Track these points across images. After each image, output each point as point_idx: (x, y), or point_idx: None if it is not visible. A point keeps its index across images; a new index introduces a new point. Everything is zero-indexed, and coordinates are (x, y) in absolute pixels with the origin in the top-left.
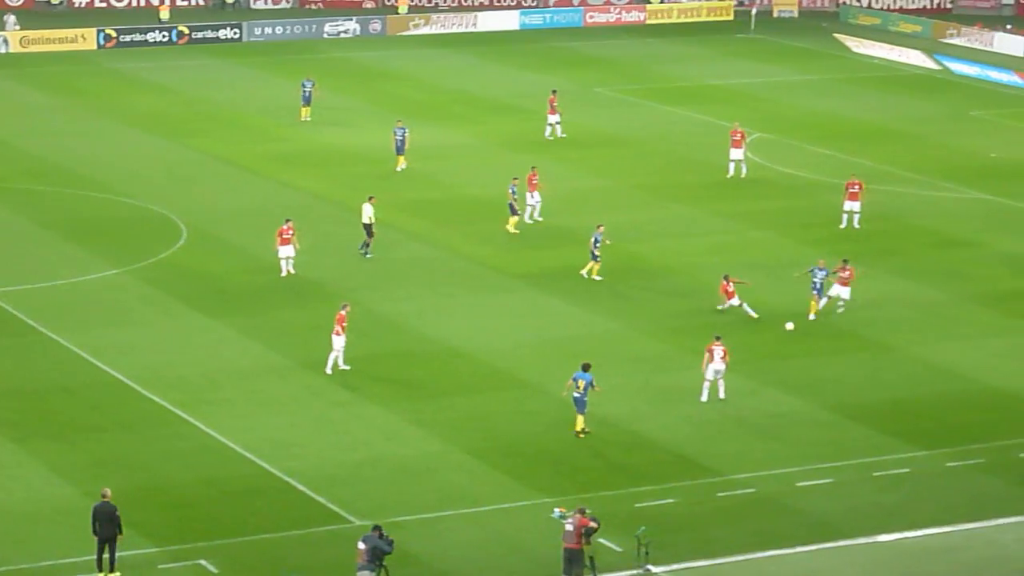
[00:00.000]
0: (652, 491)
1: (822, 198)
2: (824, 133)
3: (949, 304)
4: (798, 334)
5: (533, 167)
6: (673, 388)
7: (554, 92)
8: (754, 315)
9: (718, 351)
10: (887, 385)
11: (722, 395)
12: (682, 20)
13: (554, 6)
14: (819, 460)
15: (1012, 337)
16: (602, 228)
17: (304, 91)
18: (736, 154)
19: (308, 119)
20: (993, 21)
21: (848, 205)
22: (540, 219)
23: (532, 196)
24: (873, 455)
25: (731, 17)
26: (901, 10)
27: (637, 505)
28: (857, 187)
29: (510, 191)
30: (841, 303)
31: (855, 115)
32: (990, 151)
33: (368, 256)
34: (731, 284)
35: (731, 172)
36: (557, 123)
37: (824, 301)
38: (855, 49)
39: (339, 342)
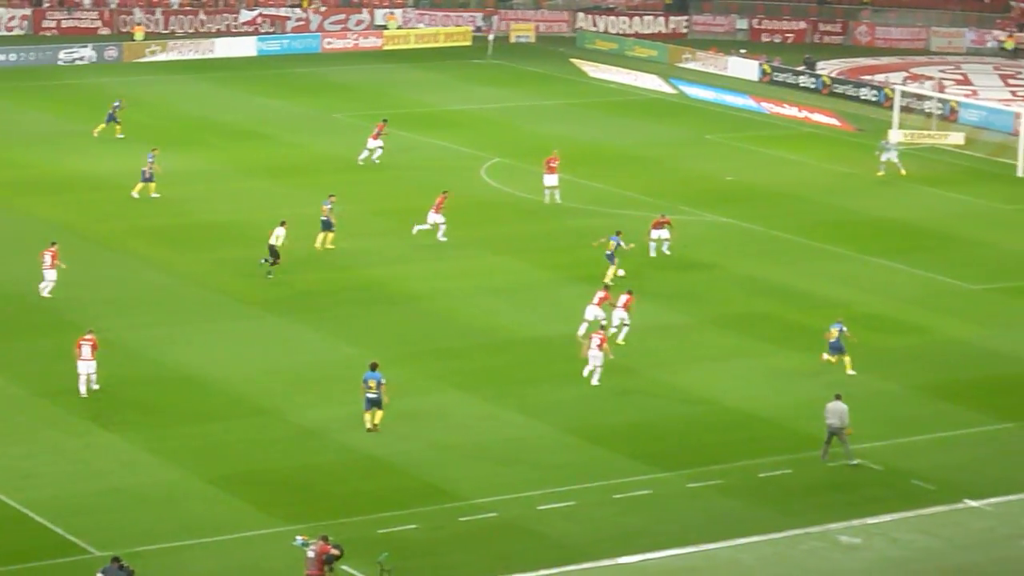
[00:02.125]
0: (394, 517)
1: (560, 222)
2: (561, 157)
3: (688, 327)
4: (538, 358)
5: (444, 191)
6: (414, 413)
7: (384, 120)
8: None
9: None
10: (628, 408)
11: (595, 382)
12: (420, 46)
13: (291, 32)
14: (561, 483)
15: (749, 359)
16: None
17: (112, 111)
18: (550, 180)
19: (121, 135)
20: (727, 46)
21: (655, 233)
22: (445, 239)
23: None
24: (614, 477)
25: (469, 43)
26: (637, 35)
27: (379, 531)
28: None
29: (325, 206)
30: (625, 327)
31: (592, 139)
32: (725, 174)
33: (270, 277)
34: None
35: (546, 199)
36: (379, 147)
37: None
38: (592, 74)
39: (86, 367)
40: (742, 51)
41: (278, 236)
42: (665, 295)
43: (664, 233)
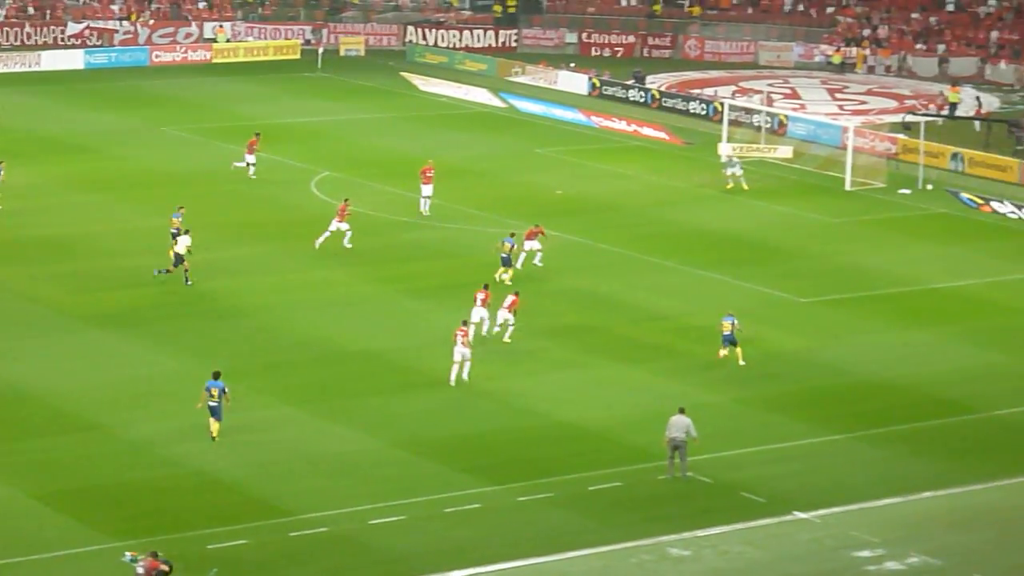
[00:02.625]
0: (224, 532)
1: (391, 236)
2: (391, 171)
3: (518, 339)
4: (369, 372)
5: (346, 199)
6: (244, 427)
7: (257, 134)
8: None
9: (460, 336)
10: (459, 421)
11: (465, 377)
12: (249, 59)
13: (119, 45)
14: (392, 497)
15: (578, 371)
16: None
17: None
18: (427, 191)
19: None
20: (557, 60)
21: (527, 244)
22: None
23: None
24: (445, 491)
25: (298, 56)
26: (467, 49)
27: (209, 546)
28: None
29: (175, 218)
30: (510, 327)
31: (422, 153)
32: (555, 188)
33: (189, 284)
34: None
35: (422, 208)
36: (252, 164)
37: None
38: (422, 87)
39: None
40: (572, 65)
41: (184, 245)
42: (494, 307)
43: (535, 244)
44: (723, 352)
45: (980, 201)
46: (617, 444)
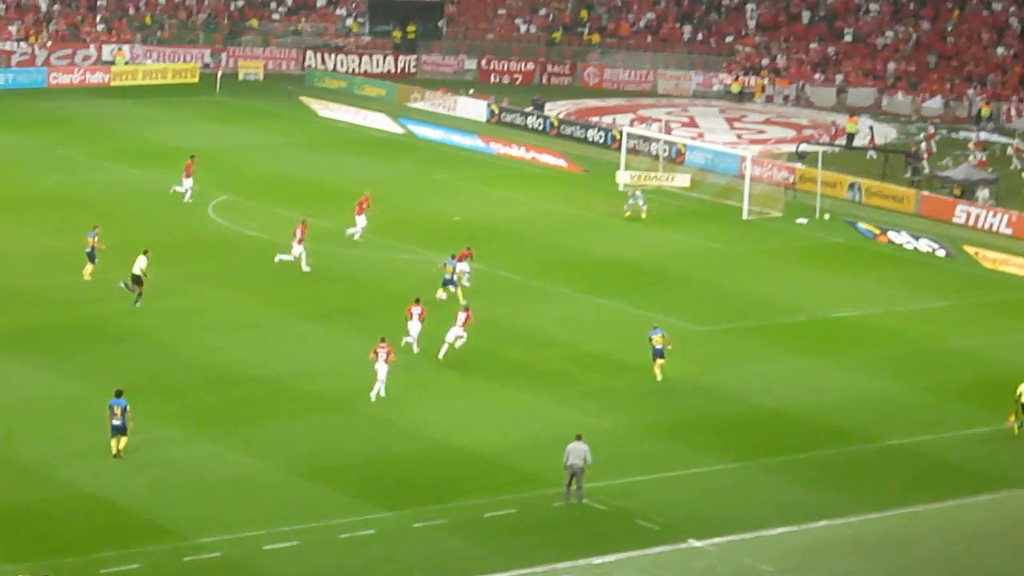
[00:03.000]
0: (117, 556)
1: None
2: (289, 195)
3: (413, 365)
4: (263, 396)
5: (303, 219)
6: (137, 450)
7: (192, 157)
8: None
9: (382, 352)
10: (352, 447)
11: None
12: (148, 82)
13: (16, 66)
14: (286, 523)
15: (474, 397)
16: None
17: None
18: (360, 221)
19: None
20: (456, 86)
21: (458, 266)
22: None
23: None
24: (339, 517)
25: (197, 80)
26: (366, 74)
27: (102, 571)
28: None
29: (90, 237)
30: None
31: (320, 177)
32: (453, 214)
33: (138, 306)
34: None
35: (356, 237)
36: (189, 188)
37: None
38: (321, 112)
39: None
40: (471, 91)
41: (141, 268)
42: (390, 333)
43: (464, 266)
44: (657, 368)
45: (877, 231)
46: (512, 470)
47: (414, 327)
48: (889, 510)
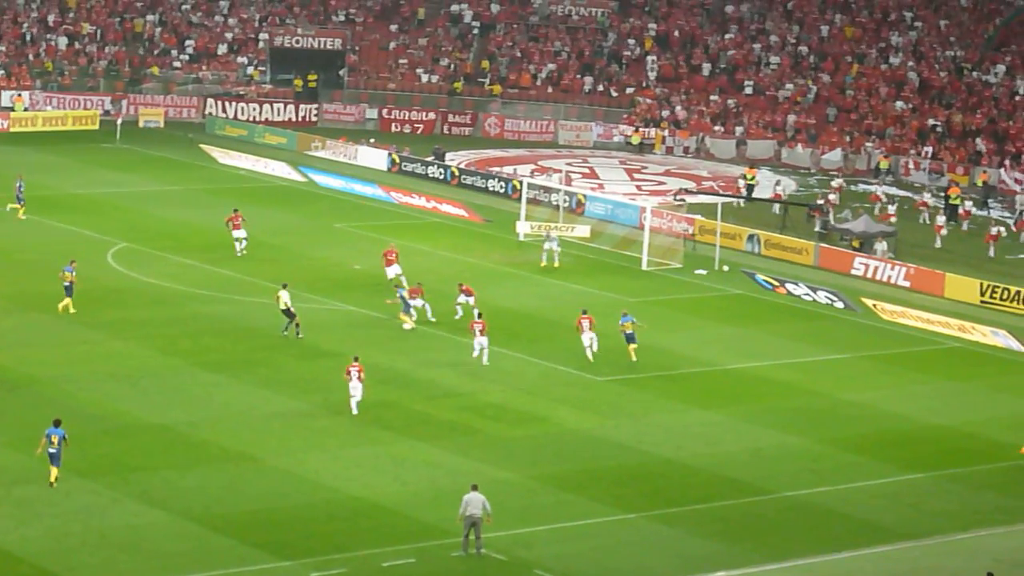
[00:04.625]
0: None
1: (186, 309)
2: (187, 243)
3: (312, 414)
4: (159, 445)
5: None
6: (32, 499)
7: (236, 211)
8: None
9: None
10: (249, 496)
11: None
12: (47, 128)
13: None
14: (183, 572)
15: (373, 447)
16: None
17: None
18: (391, 271)
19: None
20: (357, 135)
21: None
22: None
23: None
24: (235, 566)
25: (97, 126)
26: (267, 122)
27: None
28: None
29: (68, 272)
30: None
31: (221, 225)
32: (354, 263)
33: (300, 336)
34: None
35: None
36: (244, 239)
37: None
38: (221, 160)
39: None
40: (371, 140)
41: (286, 302)
42: (289, 382)
43: (419, 302)
44: (632, 352)
45: (775, 283)
46: (411, 520)
47: (356, 388)
48: (786, 561)
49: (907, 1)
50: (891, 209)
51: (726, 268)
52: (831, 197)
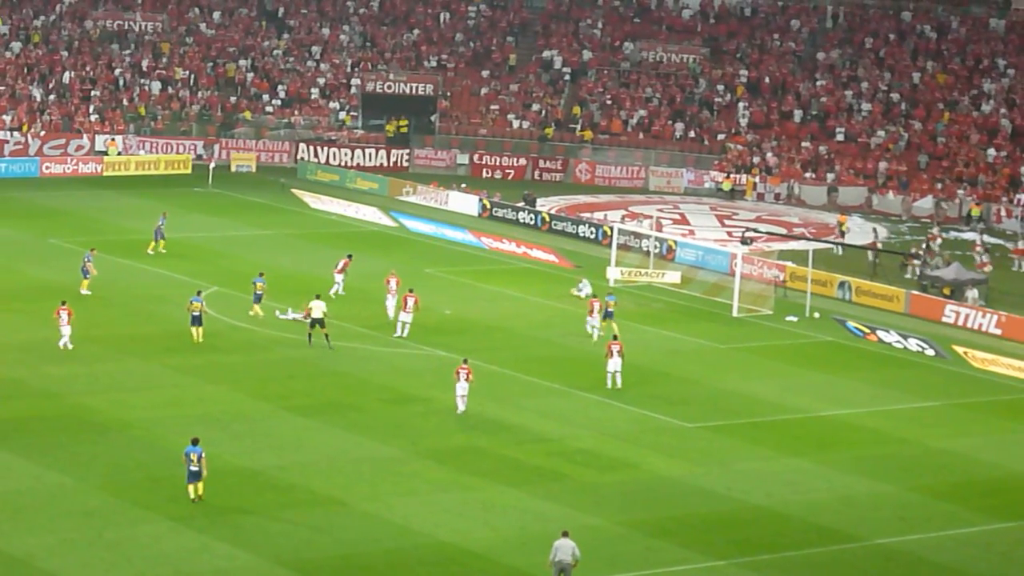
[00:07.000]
0: None
1: (274, 353)
2: (278, 287)
3: (402, 459)
4: (249, 488)
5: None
6: (121, 542)
7: (349, 256)
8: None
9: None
10: (339, 541)
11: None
12: (140, 173)
13: (9, 155)
14: None
15: (462, 492)
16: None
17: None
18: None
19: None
20: (448, 180)
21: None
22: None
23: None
24: None
25: (189, 171)
26: (358, 167)
27: None
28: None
29: (195, 301)
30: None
31: (311, 270)
32: (444, 308)
33: (332, 348)
34: None
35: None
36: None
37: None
38: (313, 205)
39: None
40: (462, 186)
41: (322, 309)
42: (378, 426)
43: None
44: (615, 332)
45: (866, 330)
46: (501, 565)
47: (462, 387)
48: None
49: (999, 48)
50: (986, 258)
51: (817, 315)
52: (932, 246)
